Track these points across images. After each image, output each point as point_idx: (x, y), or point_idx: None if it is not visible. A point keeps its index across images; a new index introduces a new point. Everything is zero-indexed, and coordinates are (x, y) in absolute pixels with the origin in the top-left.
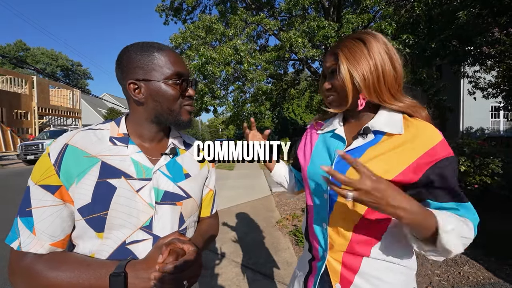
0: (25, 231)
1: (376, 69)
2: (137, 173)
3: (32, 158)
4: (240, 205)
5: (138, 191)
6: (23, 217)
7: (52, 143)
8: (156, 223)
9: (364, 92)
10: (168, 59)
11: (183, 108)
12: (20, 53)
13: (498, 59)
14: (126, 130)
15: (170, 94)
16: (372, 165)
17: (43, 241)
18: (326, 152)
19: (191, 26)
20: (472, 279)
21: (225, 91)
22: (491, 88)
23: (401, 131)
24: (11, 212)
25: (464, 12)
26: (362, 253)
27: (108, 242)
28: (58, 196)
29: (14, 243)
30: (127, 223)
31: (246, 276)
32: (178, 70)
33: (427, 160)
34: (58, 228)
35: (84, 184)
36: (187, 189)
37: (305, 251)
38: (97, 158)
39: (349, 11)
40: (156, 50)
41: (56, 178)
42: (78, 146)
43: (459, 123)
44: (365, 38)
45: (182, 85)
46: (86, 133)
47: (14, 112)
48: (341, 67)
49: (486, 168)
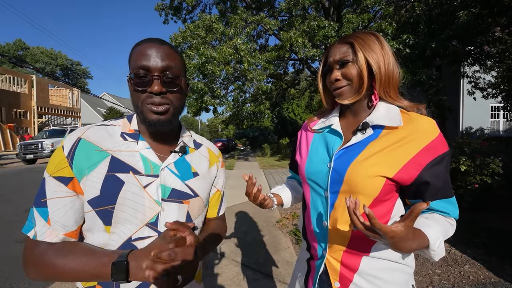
0: (40, 221)
1: (388, 63)
2: (145, 169)
3: (31, 158)
4: (240, 205)
5: (145, 187)
6: (38, 207)
7: (67, 137)
8: (162, 220)
9: (377, 82)
10: (140, 52)
11: (145, 106)
12: (20, 52)
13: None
14: (137, 127)
15: (131, 90)
16: (374, 161)
17: (57, 231)
18: (324, 149)
19: (191, 26)
20: (473, 279)
21: (225, 91)
22: (491, 88)
23: (400, 123)
24: (10, 211)
25: (464, 12)
26: (362, 252)
27: (114, 237)
28: (71, 188)
29: (31, 232)
30: (133, 218)
31: (246, 276)
32: (142, 64)
33: (426, 155)
34: (71, 218)
35: (93, 177)
36: (195, 188)
37: (303, 250)
38: (108, 152)
39: (349, 11)
40: (139, 44)
41: (69, 170)
42: (90, 140)
43: (458, 123)
44: (376, 34)
45: (144, 80)
46: (99, 128)
47: (13, 112)
48: (358, 55)
49: (487, 168)
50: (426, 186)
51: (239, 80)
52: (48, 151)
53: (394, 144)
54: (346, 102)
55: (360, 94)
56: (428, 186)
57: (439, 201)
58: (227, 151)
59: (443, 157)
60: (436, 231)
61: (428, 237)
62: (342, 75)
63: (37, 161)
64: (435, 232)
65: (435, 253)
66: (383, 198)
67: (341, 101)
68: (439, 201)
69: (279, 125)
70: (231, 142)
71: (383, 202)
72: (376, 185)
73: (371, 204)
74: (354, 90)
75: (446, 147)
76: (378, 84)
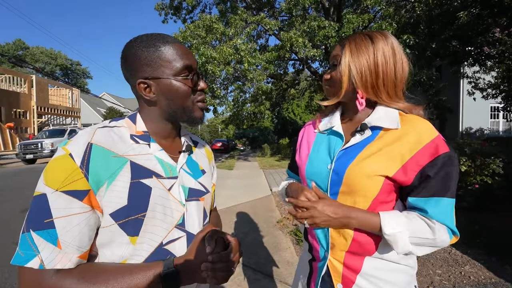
0: (46, 246)
1: (375, 68)
2: (164, 171)
3: (31, 158)
4: (240, 205)
5: (169, 189)
6: (40, 230)
7: (69, 143)
8: (188, 220)
9: (360, 88)
10: (175, 52)
11: (195, 104)
12: (19, 52)
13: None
14: (146, 128)
15: (182, 90)
16: (372, 161)
17: (71, 254)
18: (326, 150)
19: (191, 26)
20: (473, 279)
21: (225, 91)
22: (491, 89)
23: (397, 126)
24: (9, 212)
25: (464, 12)
26: (364, 253)
27: (142, 247)
28: (86, 202)
29: (33, 262)
30: (164, 223)
31: (247, 276)
32: (187, 63)
33: (423, 157)
34: (86, 237)
35: (117, 186)
36: (205, 184)
37: (305, 252)
38: (125, 158)
39: (350, 11)
40: (162, 44)
41: (85, 182)
42: (104, 145)
43: (458, 124)
44: (374, 36)
45: (193, 79)
46: (106, 131)
47: (13, 111)
48: (342, 59)
49: (487, 168)
50: (422, 186)
51: (239, 80)
52: (48, 151)
53: (391, 145)
54: (325, 103)
55: (338, 97)
56: (423, 186)
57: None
58: (227, 151)
59: (443, 158)
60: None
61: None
62: (330, 76)
63: (36, 161)
64: (394, 218)
65: (389, 238)
66: (383, 199)
67: (321, 102)
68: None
69: (279, 125)
70: (231, 142)
71: (383, 204)
72: (375, 185)
73: (371, 206)
74: (334, 92)
75: (446, 148)
76: (363, 90)
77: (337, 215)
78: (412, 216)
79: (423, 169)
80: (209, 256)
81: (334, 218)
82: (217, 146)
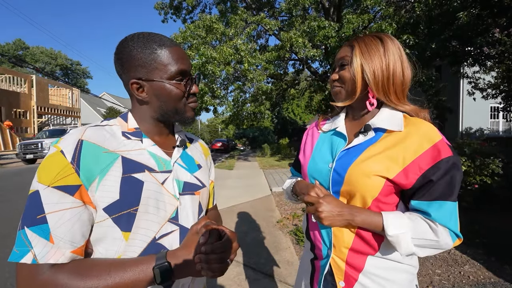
0: (39, 241)
1: (387, 69)
2: (158, 165)
3: (31, 157)
4: (240, 205)
5: (162, 183)
6: (33, 226)
7: (60, 140)
8: (181, 213)
9: (373, 88)
10: (171, 56)
11: (187, 106)
12: (19, 52)
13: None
14: (137, 125)
15: (175, 93)
16: (373, 163)
17: (64, 249)
18: (328, 149)
19: (191, 26)
20: (473, 279)
21: (225, 91)
22: (491, 89)
23: (401, 128)
24: (9, 211)
25: (464, 12)
26: (367, 251)
27: (134, 243)
28: (78, 197)
29: (26, 258)
30: (157, 217)
31: (247, 275)
32: (181, 68)
33: (425, 161)
34: (78, 233)
35: (108, 181)
36: (202, 179)
37: (306, 251)
38: (116, 153)
39: (349, 11)
40: (158, 46)
41: (75, 177)
42: (94, 141)
43: (458, 124)
44: (383, 37)
45: (187, 84)
46: (97, 129)
47: (13, 111)
48: (353, 60)
49: (487, 168)
50: (425, 190)
51: (239, 80)
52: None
53: (394, 147)
54: (339, 104)
55: (353, 98)
56: (426, 190)
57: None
58: (227, 151)
59: (446, 162)
60: (398, 219)
61: (383, 217)
62: (339, 76)
63: (37, 161)
64: (397, 219)
65: (392, 239)
66: (383, 200)
67: (334, 103)
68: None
69: (279, 125)
70: (231, 142)
71: (383, 205)
72: (376, 185)
73: (371, 205)
74: (346, 93)
75: (449, 152)
76: (374, 90)
77: (342, 212)
78: (414, 217)
79: (425, 173)
80: (202, 247)
81: (338, 214)
82: (217, 146)
